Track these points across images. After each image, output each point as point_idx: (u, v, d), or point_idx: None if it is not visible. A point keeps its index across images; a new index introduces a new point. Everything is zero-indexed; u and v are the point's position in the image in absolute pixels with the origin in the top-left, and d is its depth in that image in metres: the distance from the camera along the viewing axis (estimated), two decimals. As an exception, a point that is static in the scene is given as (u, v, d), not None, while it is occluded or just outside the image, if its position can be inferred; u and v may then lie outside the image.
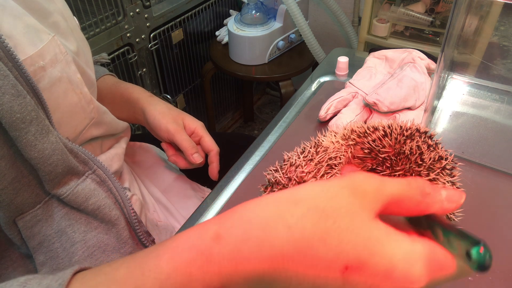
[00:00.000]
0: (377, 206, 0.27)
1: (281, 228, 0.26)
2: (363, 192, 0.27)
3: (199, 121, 0.70)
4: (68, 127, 0.49)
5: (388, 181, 0.28)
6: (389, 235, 0.26)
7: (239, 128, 2.01)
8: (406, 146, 0.42)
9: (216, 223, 0.28)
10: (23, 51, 0.41)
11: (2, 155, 0.39)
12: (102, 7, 1.11)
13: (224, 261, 0.26)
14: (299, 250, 0.25)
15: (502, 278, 0.45)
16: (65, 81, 0.46)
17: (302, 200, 0.27)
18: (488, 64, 0.64)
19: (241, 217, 0.27)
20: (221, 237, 0.26)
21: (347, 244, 0.25)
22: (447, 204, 0.29)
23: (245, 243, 0.26)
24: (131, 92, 0.69)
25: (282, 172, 0.44)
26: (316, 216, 0.26)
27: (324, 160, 0.43)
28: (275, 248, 0.26)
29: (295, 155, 0.45)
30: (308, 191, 0.28)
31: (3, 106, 0.37)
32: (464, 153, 0.60)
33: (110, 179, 0.51)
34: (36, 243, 0.46)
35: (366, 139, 0.45)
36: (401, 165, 0.42)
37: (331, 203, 0.27)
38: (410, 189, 0.28)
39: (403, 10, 1.22)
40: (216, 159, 0.69)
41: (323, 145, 0.45)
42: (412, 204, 0.28)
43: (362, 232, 0.26)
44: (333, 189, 0.27)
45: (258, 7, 1.38)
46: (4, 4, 0.41)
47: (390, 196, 0.28)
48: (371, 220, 0.26)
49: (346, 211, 0.26)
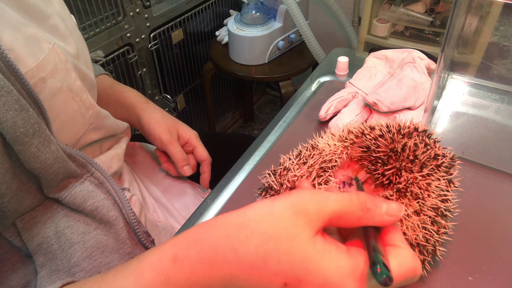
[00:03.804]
0: (319, 224, 0.30)
1: (228, 250, 0.29)
2: (306, 212, 0.30)
3: (193, 130, 0.72)
4: (68, 134, 0.49)
5: (331, 198, 0.31)
6: (325, 253, 0.29)
7: (239, 128, 2.01)
8: (399, 144, 0.42)
9: (174, 245, 0.31)
10: (24, 63, 0.41)
11: (6, 168, 0.39)
12: (102, 7, 1.11)
13: (181, 281, 0.30)
14: (244, 270, 0.29)
15: (502, 278, 0.45)
16: (65, 91, 0.47)
17: (247, 223, 0.30)
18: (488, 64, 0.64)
19: (196, 239, 0.31)
20: (177, 259, 0.30)
21: (285, 265, 0.29)
22: (387, 217, 0.32)
23: (199, 264, 0.30)
24: (127, 97, 0.70)
25: (275, 176, 0.44)
26: (259, 238, 0.29)
27: (317, 163, 0.43)
28: (224, 269, 0.29)
29: (289, 159, 0.45)
30: (254, 213, 0.31)
31: (7, 122, 0.37)
32: (464, 153, 0.60)
33: (108, 181, 0.51)
34: (35, 245, 0.46)
35: (364, 138, 0.45)
36: (392, 163, 0.42)
37: (274, 225, 0.29)
38: (352, 205, 0.31)
39: (403, 10, 1.22)
40: (208, 169, 0.71)
41: (318, 148, 0.45)
42: (353, 219, 0.31)
43: (299, 252, 0.29)
44: (276, 211, 0.30)
45: (258, 7, 1.38)
46: (3, 16, 0.41)
47: (331, 213, 0.30)
48: (310, 240, 0.29)
49: (286, 233, 0.29)
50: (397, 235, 0.33)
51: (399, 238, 0.32)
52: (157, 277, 0.30)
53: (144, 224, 0.59)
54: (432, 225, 0.40)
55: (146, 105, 0.69)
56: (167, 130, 0.68)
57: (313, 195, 0.31)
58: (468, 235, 0.49)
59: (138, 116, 0.68)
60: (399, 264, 0.30)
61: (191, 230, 0.32)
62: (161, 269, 0.30)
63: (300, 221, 0.30)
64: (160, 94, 1.43)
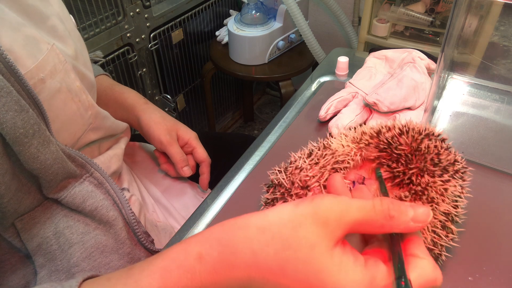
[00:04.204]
0: (339, 233, 0.30)
1: (248, 253, 0.30)
2: (326, 221, 0.30)
3: (192, 131, 0.72)
4: (67, 135, 0.49)
5: (353, 206, 0.31)
6: (342, 266, 0.29)
7: (239, 128, 2.01)
8: (423, 144, 0.41)
9: (198, 244, 0.32)
10: (23, 64, 0.41)
11: (6, 169, 0.39)
12: (102, 7, 1.11)
13: (205, 278, 0.31)
14: (262, 274, 0.30)
15: (502, 278, 0.45)
16: (64, 91, 0.47)
17: (269, 228, 0.30)
18: (488, 64, 0.64)
19: (218, 240, 0.31)
20: (202, 257, 0.31)
21: (302, 274, 0.29)
22: (413, 224, 0.31)
23: (219, 264, 0.31)
24: (126, 98, 0.70)
25: (286, 174, 0.43)
26: (279, 244, 0.30)
27: (329, 164, 0.42)
28: (243, 271, 0.30)
29: (301, 158, 0.44)
30: (275, 218, 0.31)
31: (7, 123, 0.37)
32: (464, 153, 0.60)
33: (107, 181, 0.51)
34: (35, 245, 0.46)
35: (382, 136, 0.44)
36: (416, 163, 0.41)
37: (295, 232, 0.30)
38: (374, 213, 0.30)
39: (403, 10, 1.22)
40: (207, 170, 0.71)
41: (331, 148, 0.44)
42: (376, 226, 0.31)
43: (317, 262, 0.29)
44: (298, 218, 0.30)
45: (258, 7, 1.38)
46: (3, 17, 0.41)
47: (353, 222, 0.30)
48: (328, 251, 0.29)
49: (306, 241, 0.29)
50: (418, 245, 0.32)
51: (420, 248, 0.32)
52: (183, 274, 0.31)
53: (143, 224, 0.59)
54: (442, 230, 0.40)
55: (145, 106, 0.69)
56: (167, 131, 0.68)
57: (334, 203, 0.31)
58: (468, 235, 0.49)
59: (137, 117, 0.68)
60: (418, 276, 0.30)
61: (212, 230, 0.32)
62: (188, 266, 0.31)
63: (321, 230, 0.30)
64: (160, 94, 1.42)
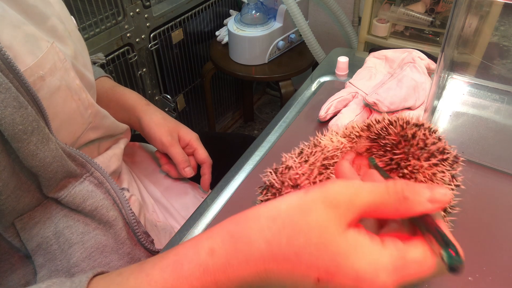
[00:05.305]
0: (350, 217, 0.29)
1: (262, 244, 0.29)
2: (336, 204, 0.29)
3: (194, 133, 0.72)
4: (66, 133, 0.49)
5: (363, 189, 0.29)
6: (357, 246, 0.28)
7: (239, 128, 2.01)
8: (410, 131, 0.42)
9: (209, 239, 0.31)
10: (23, 61, 0.41)
11: (4, 166, 0.39)
12: (102, 7, 1.11)
13: (218, 272, 0.30)
14: (277, 262, 0.29)
15: (502, 278, 0.45)
16: (64, 89, 0.47)
17: (279, 216, 0.30)
18: (488, 64, 0.64)
19: (230, 234, 0.31)
20: (214, 252, 0.30)
21: (317, 258, 0.28)
22: (430, 205, 0.29)
23: (234, 256, 0.30)
24: (127, 99, 0.70)
25: (276, 175, 0.43)
26: (291, 231, 0.29)
27: (319, 160, 0.43)
28: (258, 261, 0.29)
29: (292, 157, 0.44)
30: (285, 206, 0.30)
31: (5, 119, 0.37)
32: (464, 153, 0.60)
33: (107, 181, 0.51)
34: (34, 245, 0.46)
35: (373, 128, 0.44)
36: (403, 148, 0.41)
37: (305, 217, 0.29)
38: (388, 195, 0.29)
39: (403, 10, 1.22)
40: (208, 171, 0.72)
41: (321, 145, 0.45)
42: (391, 209, 0.29)
43: (331, 245, 0.28)
44: (308, 203, 0.30)
45: (258, 7, 1.38)
46: (3, 14, 0.41)
47: (364, 206, 0.29)
48: (341, 233, 0.28)
49: (318, 226, 0.29)
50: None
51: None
52: (195, 268, 0.30)
53: (143, 224, 0.59)
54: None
55: (146, 107, 0.69)
56: (168, 132, 0.68)
57: (345, 186, 0.30)
58: (468, 235, 0.49)
59: (138, 118, 0.68)
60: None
61: (222, 224, 0.32)
62: (199, 260, 0.31)
63: (331, 212, 0.29)
64: (160, 94, 1.42)
